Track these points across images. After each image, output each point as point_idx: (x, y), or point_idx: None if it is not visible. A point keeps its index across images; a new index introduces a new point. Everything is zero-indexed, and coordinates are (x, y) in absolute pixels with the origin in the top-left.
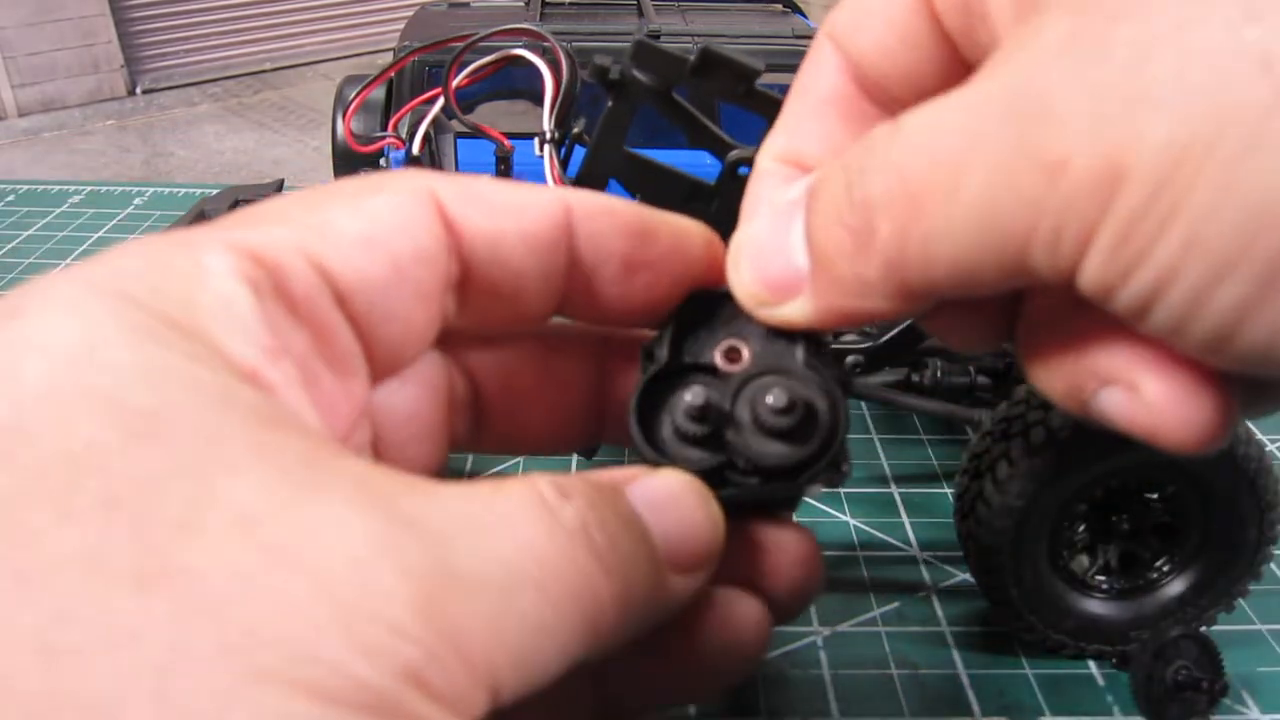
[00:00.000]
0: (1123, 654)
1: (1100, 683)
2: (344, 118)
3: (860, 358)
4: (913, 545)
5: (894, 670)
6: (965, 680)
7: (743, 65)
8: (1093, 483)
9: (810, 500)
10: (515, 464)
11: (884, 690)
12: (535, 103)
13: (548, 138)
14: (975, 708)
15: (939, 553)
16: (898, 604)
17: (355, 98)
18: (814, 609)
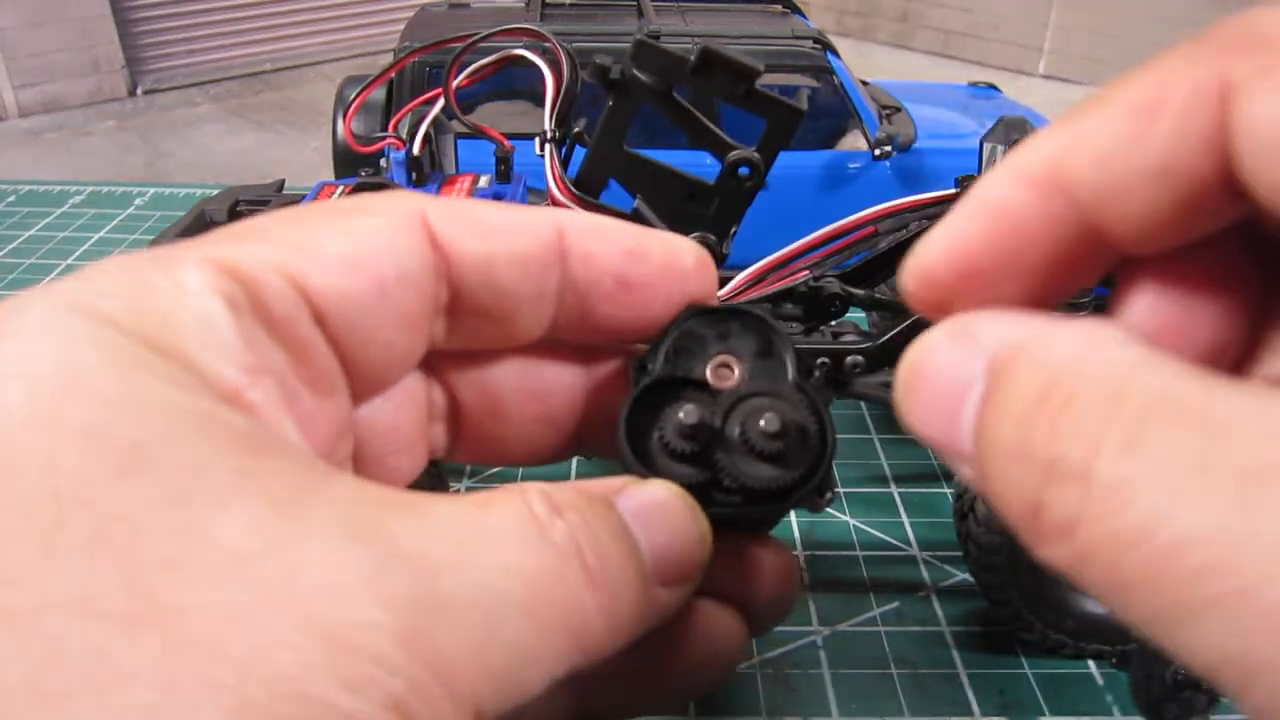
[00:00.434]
0: (1122, 654)
1: (1100, 682)
2: (345, 118)
3: (860, 358)
4: (913, 545)
5: (894, 670)
6: (965, 680)
7: (743, 65)
8: None
9: None
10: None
11: (884, 690)
12: (536, 103)
13: (548, 137)
14: (975, 707)
15: (939, 553)
16: (898, 604)
17: (356, 98)
18: (814, 609)
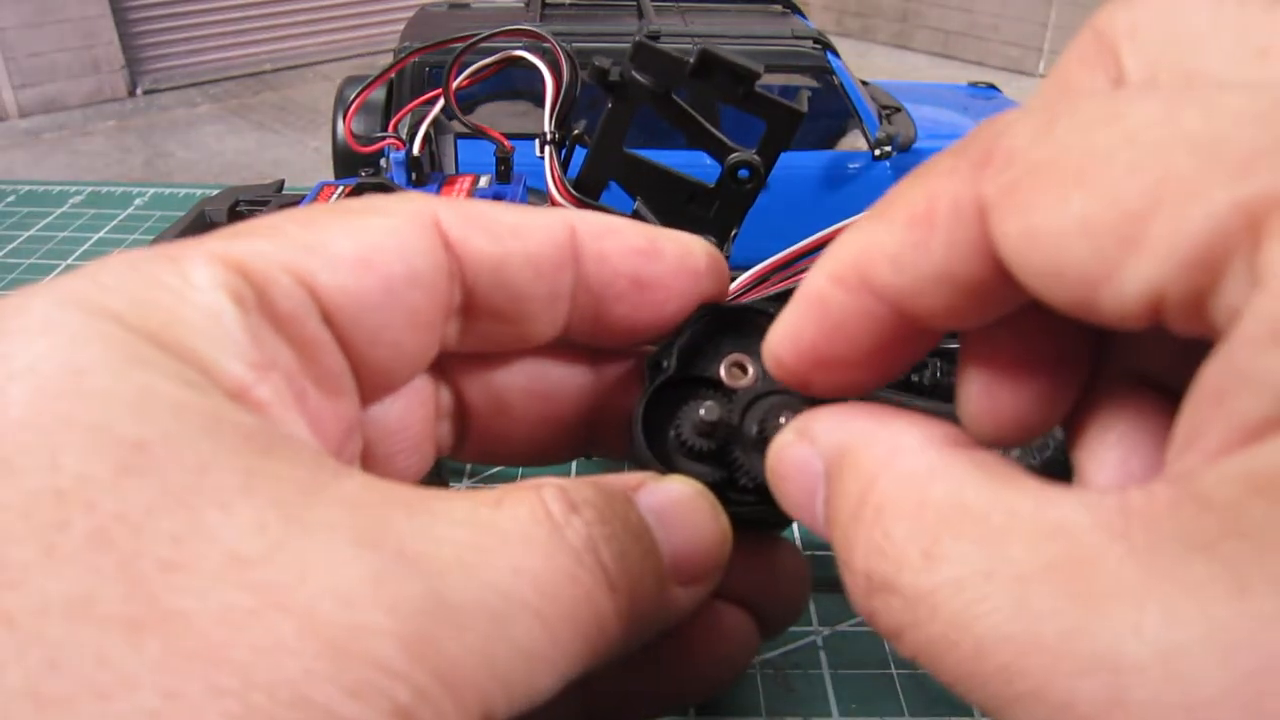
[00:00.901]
0: None
1: None
2: (345, 118)
3: None
4: None
5: (894, 670)
6: None
7: (742, 67)
8: None
9: None
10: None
11: (884, 690)
12: (536, 103)
13: (548, 139)
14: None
15: None
16: None
17: (356, 98)
18: (814, 609)
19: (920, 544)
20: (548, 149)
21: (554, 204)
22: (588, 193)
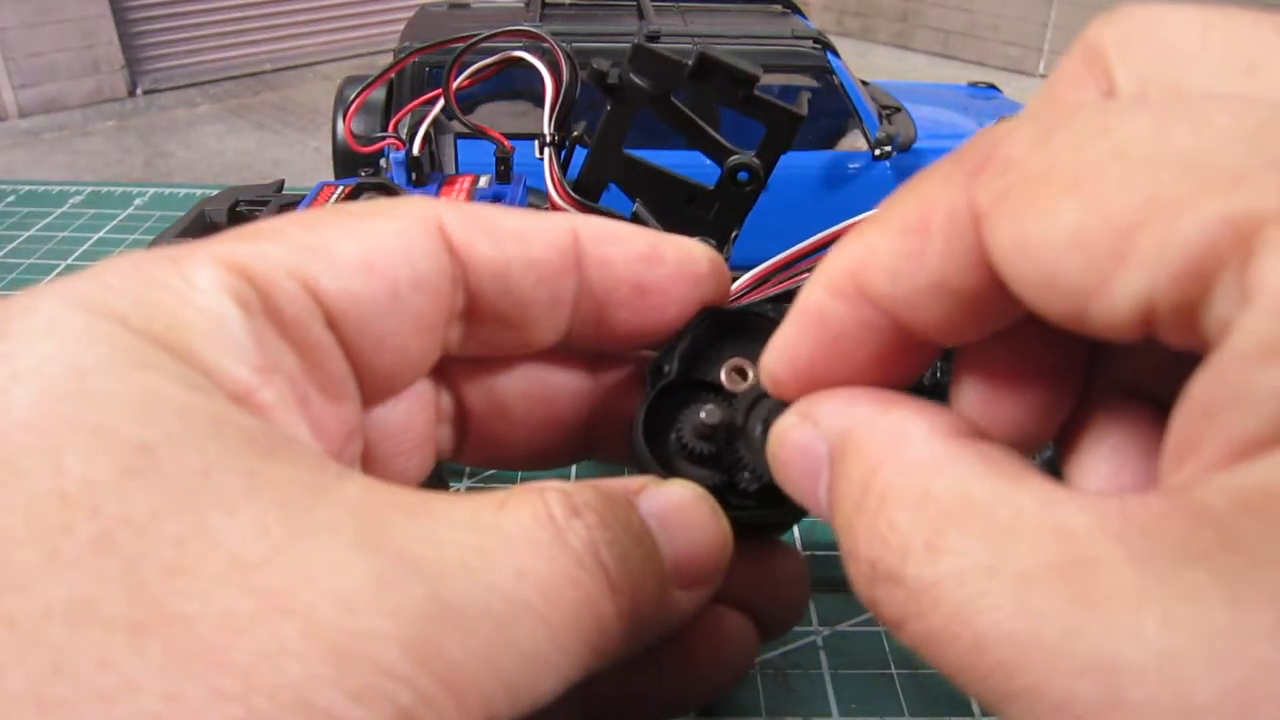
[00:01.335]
0: None
1: None
2: (345, 118)
3: None
4: None
5: (894, 670)
6: None
7: (740, 71)
8: None
9: None
10: None
11: (884, 690)
12: (536, 103)
13: (548, 140)
14: (975, 708)
15: None
16: None
17: (356, 98)
18: (814, 609)
19: (924, 535)
20: (547, 150)
21: (553, 205)
22: (587, 194)
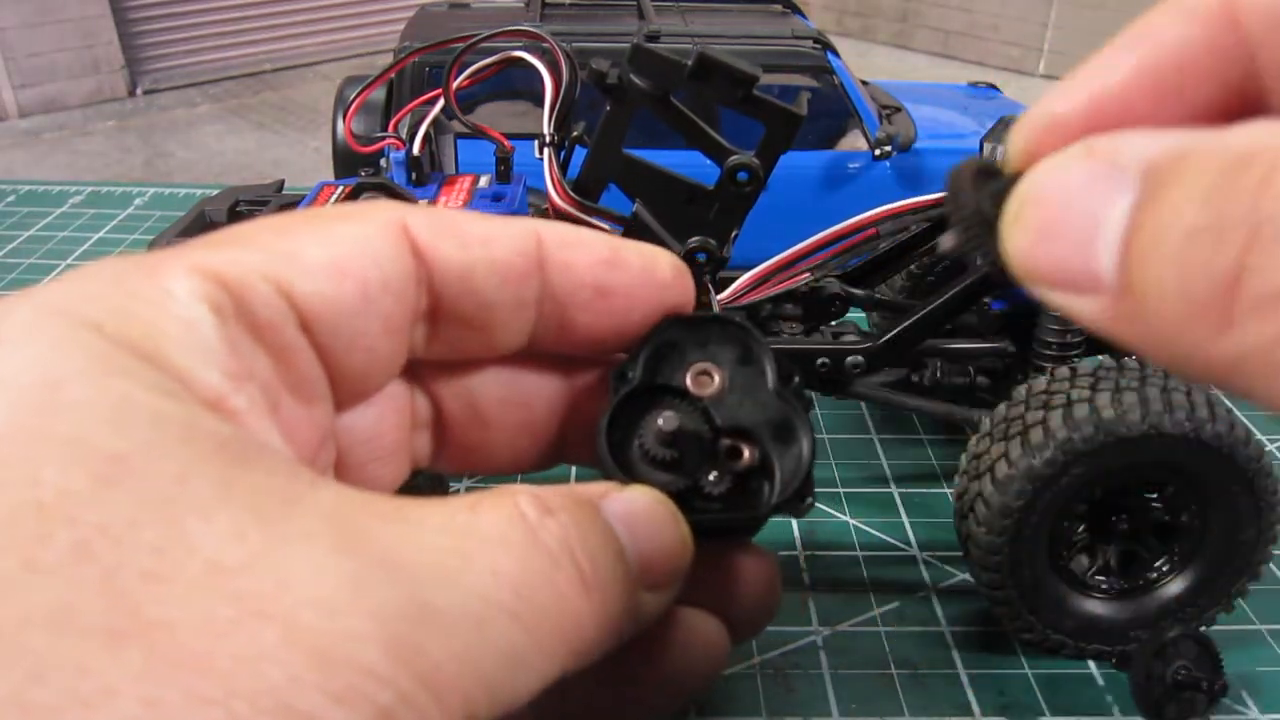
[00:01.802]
0: (1123, 654)
1: (1100, 683)
2: (344, 118)
3: (860, 358)
4: (913, 545)
5: (894, 670)
6: (965, 680)
7: (739, 71)
8: (1092, 482)
9: None
10: None
11: (884, 690)
12: (536, 103)
13: (547, 141)
14: (975, 708)
15: (939, 553)
16: (898, 604)
17: (356, 98)
18: (814, 609)
19: None
20: (546, 150)
21: (552, 205)
22: (587, 194)
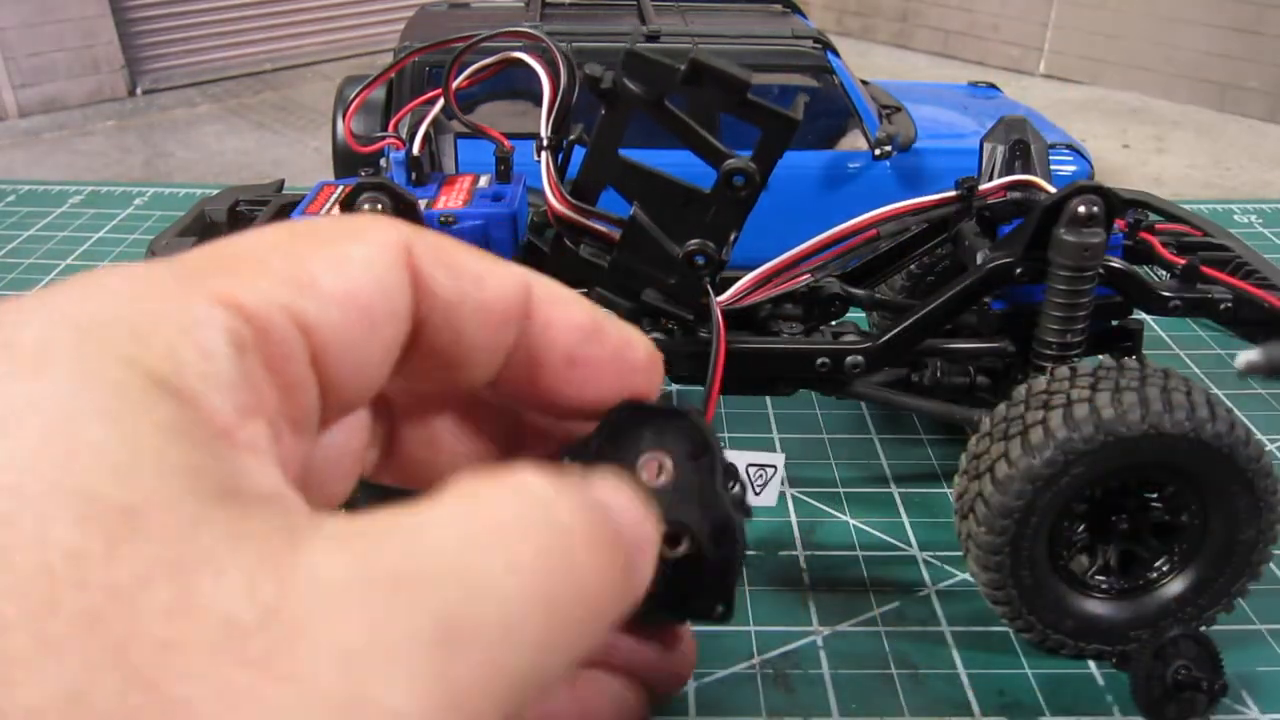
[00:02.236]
0: (1123, 654)
1: (1100, 683)
2: (344, 118)
3: (860, 358)
4: (913, 545)
5: (894, 670)
6: (965, 680)
7: (731, 76)
8: (1092, 482)
9: (807, 499)
10: None
11: (884, 690)
12: (536, 103)
13: (545, 143)
14: (975, 707)
15: (939, 553)
16: (898, 604)
17: (356, 98)
18: (814, 609)
19: None
20: (544, 153)
21: (549, 207)
22: (584, 197)
